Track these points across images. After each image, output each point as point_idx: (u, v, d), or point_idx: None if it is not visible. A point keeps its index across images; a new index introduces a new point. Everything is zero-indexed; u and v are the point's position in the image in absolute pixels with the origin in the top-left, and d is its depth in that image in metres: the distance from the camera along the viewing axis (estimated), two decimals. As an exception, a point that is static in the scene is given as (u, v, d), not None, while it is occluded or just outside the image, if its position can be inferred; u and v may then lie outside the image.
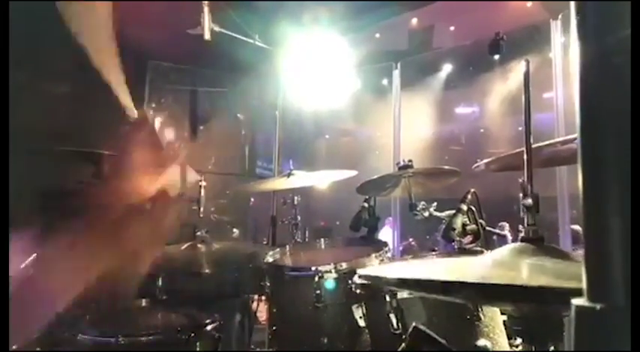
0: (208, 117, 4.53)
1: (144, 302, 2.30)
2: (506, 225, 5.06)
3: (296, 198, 2.60)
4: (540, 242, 0.95)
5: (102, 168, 2.90)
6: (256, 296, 2.58)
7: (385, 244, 2.01)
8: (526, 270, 0.84)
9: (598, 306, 0.33)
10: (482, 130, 10.46)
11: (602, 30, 0.35)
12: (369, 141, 9.04)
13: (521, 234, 0.98)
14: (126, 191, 0.96)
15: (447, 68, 8.85)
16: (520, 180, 0.99)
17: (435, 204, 2.04)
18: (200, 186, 2.68)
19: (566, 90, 3.61)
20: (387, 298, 1.61)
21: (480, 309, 1.53)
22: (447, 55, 8.14)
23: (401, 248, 6.14)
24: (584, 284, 0.34)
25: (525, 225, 0.98)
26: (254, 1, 3.71)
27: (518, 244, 0.97)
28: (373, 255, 1.84)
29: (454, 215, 1.79)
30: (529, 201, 0.98)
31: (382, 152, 6.16)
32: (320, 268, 1.78)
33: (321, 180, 2.69)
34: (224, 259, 2.50)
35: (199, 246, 2.43)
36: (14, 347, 0.77)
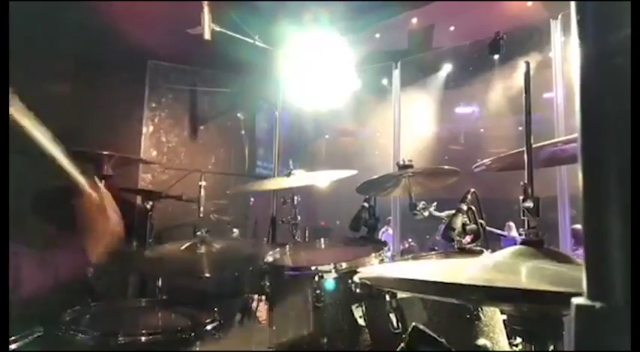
0: (208, 117, 4.53)
1: (144, 302, 2.30)
2: (513, 226, 5.03)
3: (296, 198, 2.59)
4: (540, 245, 0.95)
5: (103, 168, 2.91)
6: (256, 296, 2.57)
7: (385, 244, 2.01)
8: (526, 274, 0.84)
9: (598, 305, 0.33)
10: (482, 130, 10.49)
11: (602, 30, 0.35)
12: (369, 141, 9.03)
13: (522, 237, 0.98)
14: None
15: (446, 68, 8.86)
16: (522, 183, 0.99)
17: (435, 203, 2.04)
18: (200, 186, 2.69)
19: (566, 90, 3.60)
20: (387, 298, 1.60)
21: (479, 309, 1.53)
22: (447, 55, 8.15)
23: (401, 248, 6.13)
24: (584, 284, 0.35)
25: (526, 227, 0.97)
26: (254, 1, 3.70)
27: (518, 247, 0.97)
28: (373, 255, 1.84)
29: (454, 215, 1.79)
30: (530, 203, 0.97)
31: (382, 152, 6.15)
32: (320, 268, 1.78)
33: (321, 179, 2.69)
34: (224, 259, 2.50)
35: (199, 245, 2.43)
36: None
